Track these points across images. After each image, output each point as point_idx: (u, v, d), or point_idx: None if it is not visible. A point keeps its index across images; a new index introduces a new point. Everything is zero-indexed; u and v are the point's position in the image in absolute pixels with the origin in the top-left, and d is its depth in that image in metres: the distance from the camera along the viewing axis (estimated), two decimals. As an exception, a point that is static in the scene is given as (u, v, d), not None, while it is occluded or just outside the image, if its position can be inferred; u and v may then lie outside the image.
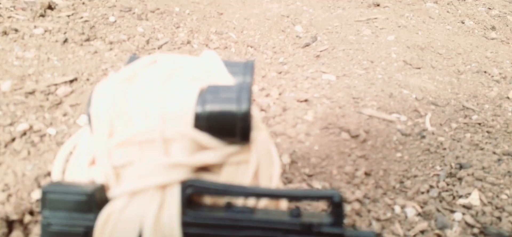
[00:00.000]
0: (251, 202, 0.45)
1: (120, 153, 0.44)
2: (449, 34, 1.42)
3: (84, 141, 0.50)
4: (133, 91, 0.44)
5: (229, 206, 0.43)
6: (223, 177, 0.45)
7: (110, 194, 0.43)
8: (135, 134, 0.43)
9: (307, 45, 1.39)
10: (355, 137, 0.82)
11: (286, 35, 1.46)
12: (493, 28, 1.70)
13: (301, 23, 1.53)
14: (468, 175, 0.77)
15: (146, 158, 0.43)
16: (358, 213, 0.68)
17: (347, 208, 0.67)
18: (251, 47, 1.34)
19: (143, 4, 1.44)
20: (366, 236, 0.40)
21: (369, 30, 1.40)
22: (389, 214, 0.70)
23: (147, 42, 1.21)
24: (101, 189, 0.44)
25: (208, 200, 0.44)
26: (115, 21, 1.30)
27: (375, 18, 1.50)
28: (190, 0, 1.55)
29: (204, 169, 0.44)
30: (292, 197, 0.42)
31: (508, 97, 1.07)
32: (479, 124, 0.95)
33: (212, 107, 0.41)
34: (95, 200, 0.42)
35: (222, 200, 0.44)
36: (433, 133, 0.89)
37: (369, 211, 0.69)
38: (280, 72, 1.20)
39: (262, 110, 0.91)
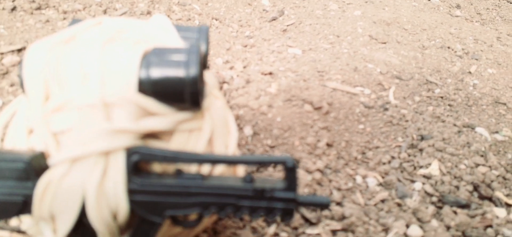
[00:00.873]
0: (205, 169, 0.42)
1: (58, 118, 0.40)
2: (415, 11, 1.43)
3: (23, 107, 0.46)
4: (70, 52, 0.40)
5: (179, 173, 0.41)
6: (174, 145, 0.42)
7: (50, 161, 0.40)
8: (72, 98, 0.39)
9: (274, 19, 1.36)
10: (318, 108, 0.81)
11: (253, 8, 1.42)
12: (458, 6, 1.73)
13: (268, -3, 1.49)
14: (428, 146, 0.78)
15: (86, 124, 0.39)
16: (319, 183, 0.67)
17: (308, 178, 0.65)
18: (216, 19, 1.30)
19: (102, -27, 1.37)
20: (320, 202, 0.39)
21: (336, 5, 1.39)
22: (350, 184, 0.69)
23: (104, 12, 1.14)
24: (40, 157, 0.40)
25: (157, 167, 0.42)
26: (71, -11, 1.22)
27: (343, -7, 1.49)
28: (153, -30, 1.49)
29: (153, 136, 0.41)
30: (244, 163, 0.40)
31: (470, 72, 1.08)
32: (442, 97, 0.96)
33: (158, 71, 0.38)
34: (33, 168, 0.39)
35: (172, 168, 0.42)
36: (396, 106, 0.89)
37: (330, 180, 0.68)
38: (245, 46, 1.17)
39: (224, 82, 0.88)
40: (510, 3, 1.79)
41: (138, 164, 0.40)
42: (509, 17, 1.70)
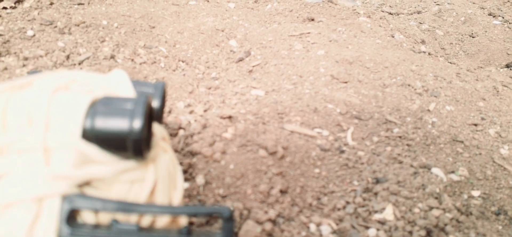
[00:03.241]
0: (145, 221, 0.41)
1: (-2, 161, 0.39)
2: (378, 48, 1.46)
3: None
4: (20, 97, 0.40)
5: (114, 223, 0.40)
6: (114, 195, 0.41)
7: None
8: (14, 141, 0.38)
9: (241, 60, 1.37)
10: (273, 153, 0.81)
11: (220, 49, 1.44)
12: (423, 41, 1.78)
13: (236, 38, 1.51)
14: (383, 189, 0.78)
15: (24, 168, 0.39)
16: (270, 234, 0.66)
17: (257, 230, 0.64)
18: (183, 61, 1.31)
19: (67, 17, 1.37)
20: None
21: (301, 45, 1.41)
22: (303, 233, 0.68)
23: (67, 57, 1.14)
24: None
25: (91, 217, 0.41)
26: (34, 35, 1.22)
27: (308, 33, 1.51)
28: (120, 13, 1.50)
29: (93, 185, 0.41)
30: (179, 214, 0.40)
31: (429, 110, 1.10)
32: (400, 136, 0.97)
33: (102, 119, 0.38)
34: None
35: (107, 218, 0.41)
36: (353, 147, 0.89)
37: (282, 231, 0.67)
38: (210, 88, 1.17)
39: (181, 128, 0.88)
40: (472, 37, 1.85)
41: (73, 212, 0.40)
42: (471, 51, 1.76)
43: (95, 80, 0.46)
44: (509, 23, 2.03)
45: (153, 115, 0.46)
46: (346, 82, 1.16)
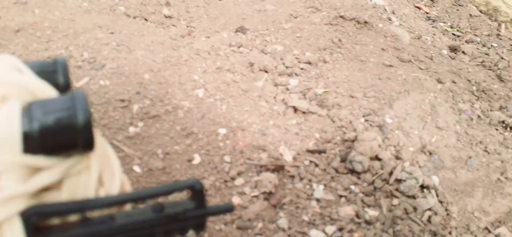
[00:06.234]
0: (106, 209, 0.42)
1: None
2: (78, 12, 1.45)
3: None
4: None
5: (85, 220, 0.39)
6: (66, 191, 0.39)
7: None
8: None
9: None
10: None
11: None
12: (168, 4, 1.86)
13: None
14: None
15: None
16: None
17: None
18: None
19: None
20: (226, 208, 0.48)
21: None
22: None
23: None
24: None
25: (56, 220, 0.39)
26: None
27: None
28: None
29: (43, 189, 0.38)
30: (154, 196, 0.43)
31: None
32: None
33: (44, 125, 0.36)
34: None
35: (73, 217, 0.39)
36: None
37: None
38: None
39: None
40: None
41: (37, 225, 0.37)
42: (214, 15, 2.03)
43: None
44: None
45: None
46: None
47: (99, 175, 0.43)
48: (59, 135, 0.36)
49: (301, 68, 1.51)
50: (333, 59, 1.59)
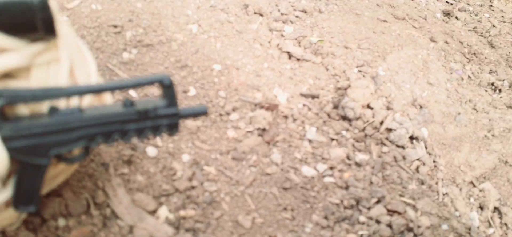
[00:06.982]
0: (73, 102, 0.40)
1: None
2: None
3: None
4: None
5: (54, 110, 0.37)
6: (34, 81, 0.37)
7: None
8: None
9: None
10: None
11: None
12: None
13: None
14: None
15: None
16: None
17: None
18: None
19: None
20: (199, 111, 0.48)
21: None
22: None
23: None
24: None
25: (24, 109, 0.36)
26: None
27: None
28: None
29: (10, 76, 0.35)
30: (123, 88, 0.42)
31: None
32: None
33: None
34: None
35: (41, 107, 0.37)
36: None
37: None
38: None
39: None
40: None
41: (3, 109, 0.35)
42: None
43: None
44: None
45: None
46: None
47: (70, 69, 0.41)
48: (15, 12, 0.34)
49: (296, 16, 1.49)
50: (328, 10, 1.57)
